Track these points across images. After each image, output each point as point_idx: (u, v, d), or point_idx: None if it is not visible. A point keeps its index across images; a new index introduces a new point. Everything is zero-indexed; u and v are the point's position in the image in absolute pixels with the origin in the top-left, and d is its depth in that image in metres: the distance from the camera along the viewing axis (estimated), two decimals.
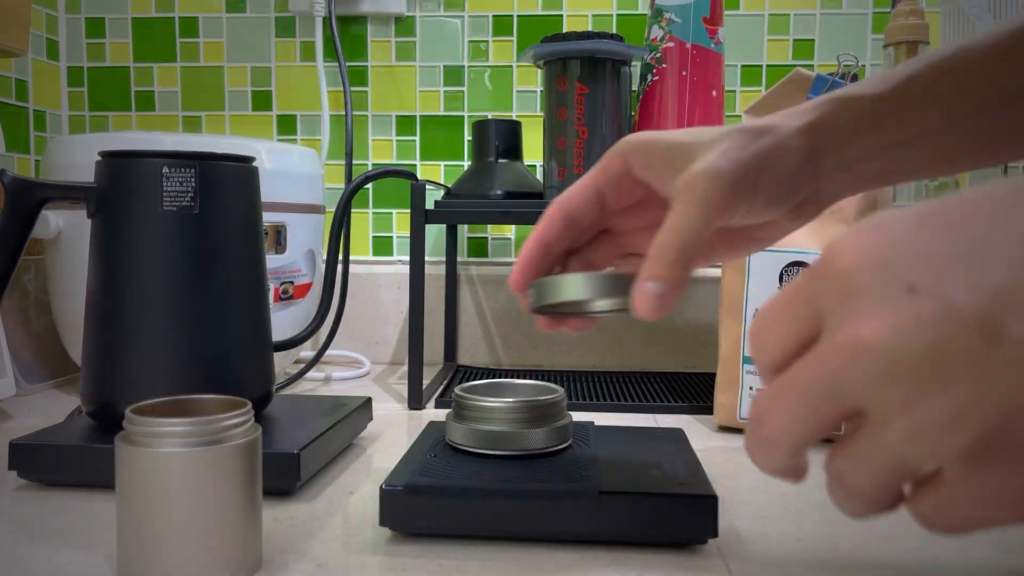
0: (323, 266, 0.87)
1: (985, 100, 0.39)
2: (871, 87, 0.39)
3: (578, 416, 0.72)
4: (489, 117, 1.01)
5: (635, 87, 0.87)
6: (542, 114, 0.87)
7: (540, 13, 1.00)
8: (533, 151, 0.99)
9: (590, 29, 0.98)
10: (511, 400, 0.46)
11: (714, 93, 0.82)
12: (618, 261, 0.44)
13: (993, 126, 0.40)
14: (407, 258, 1.03)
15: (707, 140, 0.37)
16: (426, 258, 1.00)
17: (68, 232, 0.76)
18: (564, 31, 0.96)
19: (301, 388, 0.86)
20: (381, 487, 0.42)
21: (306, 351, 1.00)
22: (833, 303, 0.23)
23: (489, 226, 1.03)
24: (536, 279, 0.40)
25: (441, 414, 0.74)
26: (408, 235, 0.99)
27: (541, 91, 0.96)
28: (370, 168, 1.02)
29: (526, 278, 0.41)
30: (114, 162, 0.52)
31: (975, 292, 0.21)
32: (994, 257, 0.21)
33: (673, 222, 0.35)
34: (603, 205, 0.41)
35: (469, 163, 0.97)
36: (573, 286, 0.37)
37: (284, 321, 0.80)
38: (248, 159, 0.56)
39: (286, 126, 1.04)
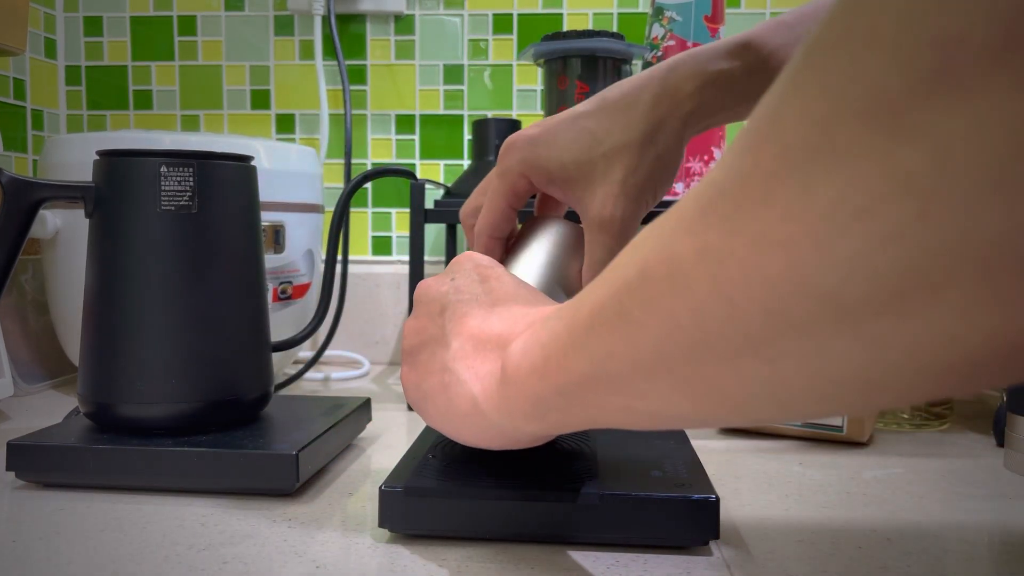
0: (322, 266, 0.86)
1: None
2: (741, 62, 0.43)
3: None
4: (489, 116, 1.01)
5: None
6: (542, 113, 0.87)
7: (540, 11, 1.00)
8: None
9: (590, 27, 0.98)
10: None
11: None
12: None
13: None
14: (407, 258, 1.03)
15: (598, 158, 0.43)
16: (426, 258, 1.00)
17: (66, 232, 0.75)
18: (564, 29, 0.96)
19: (300, 389, 0.86)
20: (380, 488, 0.41)
21: (305, 351, 0.99)
22: None
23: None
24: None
25: None
26: (408, 235, 0.99)
27: (541, 90, 0.95)
28: (369, 167, 1.02)
29: None
30: (112, 161, 0.52)
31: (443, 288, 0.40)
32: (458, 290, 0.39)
33: (598, 256, 0.43)
34: (517, 210, 0.47)
35: (469, 162, 0.97)
36: None
37: (283, 321, 0.80)
38: (246, 158, 0.55)
39: (285, 125, 1.03)
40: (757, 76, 0.42)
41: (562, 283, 0.45)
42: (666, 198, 0.76)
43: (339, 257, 0.93)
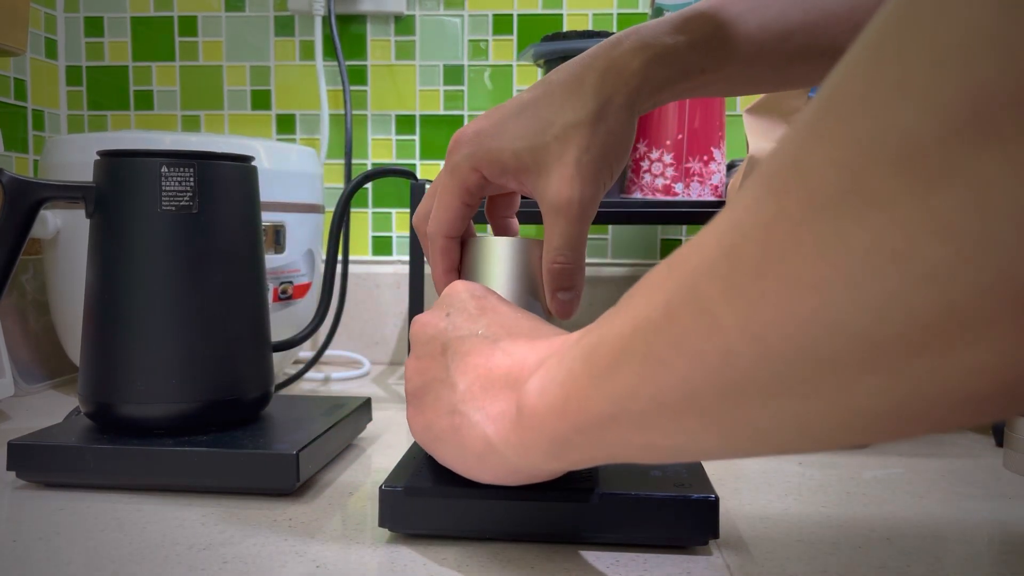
0: (322, 266, 0.86)
1: (776, 61, 0.44)
2: (685, 37, 0.43)
3: None
4: None
5: None
6: None
7: (540, 12, 1.00)
8: None
9: (590, 28, 0.98)
10: None
11: None
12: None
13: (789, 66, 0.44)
14: (407, 258, 1.03)
15: (550, 141, 0.42)
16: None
17: (66, 232, 0.75)
18: (564, 30, 0.96)
19: (300, 388, 0.86)
20: (380, 488, 0.41)
21: (305, 351, 0.99)
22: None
23: (489, 225, 1.03)
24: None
25: None
26: (408, 235, 0.99)
27: None
28: (369, 167, 1.02)
29: None
30: (113, 161, 0.52)
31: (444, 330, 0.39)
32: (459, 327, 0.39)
33: (557, 243, 0.42)
34: (472, 208, 0.46)
35: None
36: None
37: (283, 321, 0.80)
38: (247, 158, 0.55)
39: (285, 125, 1.03)
40: (700, 51, 0.42)
41: (535, 295, 0.45)
42: (662, 197, 0.76)
43: (339, 257, 0.93)
